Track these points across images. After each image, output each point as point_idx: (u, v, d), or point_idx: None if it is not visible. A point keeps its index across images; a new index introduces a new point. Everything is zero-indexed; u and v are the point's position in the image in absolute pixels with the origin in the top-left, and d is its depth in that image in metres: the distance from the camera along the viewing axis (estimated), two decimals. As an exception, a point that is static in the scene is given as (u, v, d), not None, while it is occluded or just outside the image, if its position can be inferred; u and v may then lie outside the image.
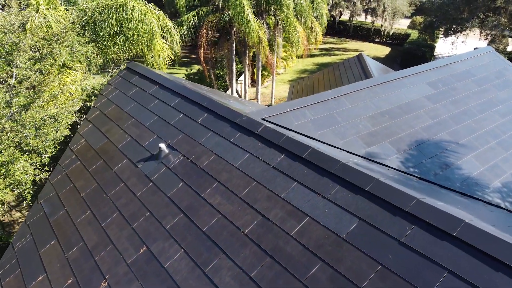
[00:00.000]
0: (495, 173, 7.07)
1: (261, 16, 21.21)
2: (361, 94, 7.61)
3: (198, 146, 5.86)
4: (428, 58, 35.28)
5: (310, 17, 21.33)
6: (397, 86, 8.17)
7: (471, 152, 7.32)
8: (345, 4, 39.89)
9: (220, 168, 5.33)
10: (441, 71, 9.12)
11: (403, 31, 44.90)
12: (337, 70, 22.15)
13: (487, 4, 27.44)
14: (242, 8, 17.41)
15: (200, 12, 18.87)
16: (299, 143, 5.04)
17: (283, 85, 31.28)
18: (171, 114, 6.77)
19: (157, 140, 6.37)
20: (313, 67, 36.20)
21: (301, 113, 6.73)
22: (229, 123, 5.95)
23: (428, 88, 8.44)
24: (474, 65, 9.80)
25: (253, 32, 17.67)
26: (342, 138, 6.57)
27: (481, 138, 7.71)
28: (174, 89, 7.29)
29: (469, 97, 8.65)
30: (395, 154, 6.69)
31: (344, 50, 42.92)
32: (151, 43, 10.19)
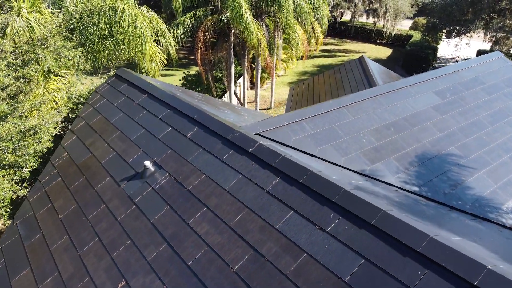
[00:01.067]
0: (508, 192, 6.56)
1: (260, 18, 20.70)
2: (364, 104, 7.09)
3: (187, 164, 5.35)
4: (430, 60, 34.76)
5: (311, 19, 20.81)
6: (402, 95, 7.66)
7: (483, 168, 6.81)
8: (347, 5, 39.36)
9: (209, 191, 4.82)
10: (449, 78, 8.60)
11: (405, 32, 44.36)
12: (338, 73, 21.63)
13: (491, 6, 26.90)
14: (241, 10, 16.90)
15: (197, 13, 18.37)
16: (296, 165, 4.53)
17: (283, 87, 30.76)
18: (159, 127, 6.26)
19: (142, 156, 5.86)
20: (314, 69, 35.69)
21: (300, 127, 6.22)
22: (220, 139, 5.45)
23: (435, 98, 7.93)
24: (483, 72, 9.28)
25: (252, 35, 17.16)
26: (344, 155, 6.06)
27: (493, 152, 7.20)
28: (163, 99, 6.78)
29: (478, 107, 8.14)
30: (401, 171, 6.18)
31: (345, 51, 42.40)
32: (142, 47, 9.68)
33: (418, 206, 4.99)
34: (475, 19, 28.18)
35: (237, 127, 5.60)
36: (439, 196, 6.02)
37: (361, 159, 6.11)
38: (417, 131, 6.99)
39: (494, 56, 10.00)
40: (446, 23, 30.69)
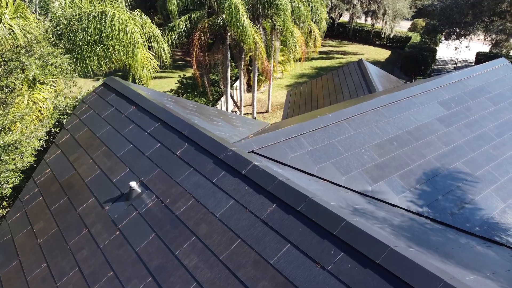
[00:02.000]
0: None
1: (257, 21, 20.32)
2: (366, 117, 6.71)
3: (175, 186, 4.95)
4: (429, 62, 34.45)
5: (309, 21, 20.44)
6: (405, 106, 7.29)
7: (491, 185, 6.44)
8: (345, 7, 39.00)
9: (199, 218, 4.43)
10: (453, 88, 8.24)
11: (404, 34, 44.06)
12: (336, 77, 21.26)
13: (492, 8, 26.58)
14: (238, 13, 16.50)
15: (192, 16, 17.95)
16: (293, 191, 4.13)
17: (280, 90, 30.38)
18: (147, 143, 5.86)
19: (129, 176, 5.46)
20: (312, 71, 35.32)
21: (297, 143, 5.84)
22: (212, 158, 5.05)
23: (440, 109, 7.56)
24: (488, 80, 8.92)
25: (249, 38, 16.77)
26: (344, 173, 5.67)
27: (501, 167, 6.83)
28: (153, 112, 6.38)
29: (484, 118, 7.77)
30: (406, 190, 5.80)
31: (344, 53, 42.06)
32: (133, 54, 9.27)
33: (425, 233, 4.61)
34: (475, 21, 27.86)
35: (230, 145, 5.20)
36: (446, 217, 5.65)
37: (363, 177, 5.73)
38: (421, 146, 6.62)
39: (499, 63, 9.65)
40: (446, 25, 30.36)
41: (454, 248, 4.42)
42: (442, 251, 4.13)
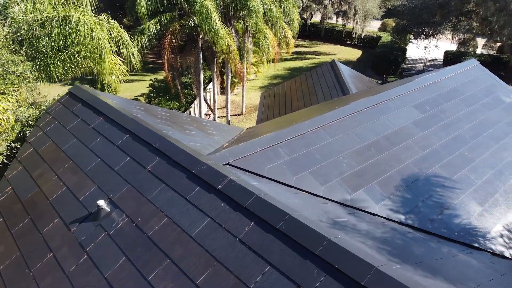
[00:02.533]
0: (495, 214, 6.19)
1: (229, 23, 20.06)
2: (343, 123, 6.59)
3: (147, 204, 4.67)
4: (400, 61, 35.00)
5: (281, 23, 20.32)
6: (382, 111, 7.21)
7: (468, 188, 6.42)
8: (316, 7, 39.20)
9: (173, 238, 4.16)
10: (428, 90, 8.24)
11: (374, 34, 44.65)
12: (310, 79, 21.24)
13: (459, 8, 27.21)
14: (209, 15, 16.20)
15: (163, 19, 17.53)
16: (271, 207, 3.93)
17: (254, 92, 30.20)
18: (117, 156, 5.54)
19: (97, 193, 5.13)
20: (285, 72, 35.32)
21: (274, 153, 5.64)
22: (185, 172, 4.79)
23: (416, 112, 7.52)
24: (461, 81, 8.98)
25: (221, 41, 16.50)
26: (323, 182, 5.51)
27: (476, 170, 6.84)
28: (121, 123, 6.05)
29: (459, 120, 7.79)
30: (386, 197, 5.69)
31: (316, 53, 42.28)
32: (101, 60, 8.87)
33: (407, 245, 4.49)
34: (444, 21, 28.45)
35: (204, 157, 4.96)
36: (426, 224, 5.57)
37: (342, 186, 5.58)
38: (399, 151, 6.54)
39: (470, 64, 9.75)
40: (415, 25, 30.90)
41: (437, 260, 4.32)
42: (427, 264, 4.01)
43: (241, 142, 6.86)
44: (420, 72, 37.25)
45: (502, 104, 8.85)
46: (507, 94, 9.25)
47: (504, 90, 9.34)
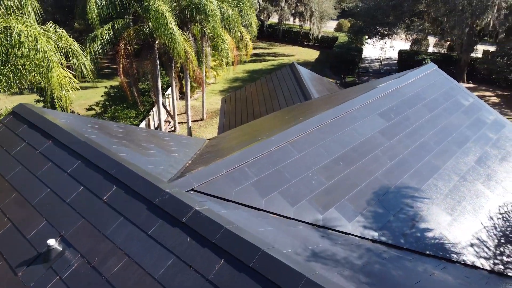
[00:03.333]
0: (464, 222, 6.18)
1: (186, 27, 19.55)
2: (310, 137, 6.37)
3: (104, 241, 4.22)
4: (357, 61, 35.66)
5: (239, 27, 20.03)
6: (348, 121, 7.06)
7: (437, 197, 6.38)
8: (273, 9, 39.25)
9: (135, 281, 3.76)
10: (391, 97, 8.20)
11: (331, 34, 45.35)
12: (270, 82, 21.09)
13: (411, 9, 27.99)
14: (165, 21, 15.65)
15: (116, 25, 16.79)
16: (242, 242, 3.61)
17: (214, 96, 29.77)
18: (68, 186, 5.04)
19: (46, 230, 4.62)
20: (245, 75, 35.10)
21: (241, 173, 5.32)
22: (146, 203, 4.38)
23: (381, 121, 7.44)
24: (422, 86, 9.04)
25: (178, 46, 15.99)
26: (293, 203, 5.26)
27: (443, 177, 6.83)
28: (73, 146, 5.53)
29: (423, 126, 7.79)
30: (358, 214, 5.51)
31: (275, 55, 42.37)
32: (48, 74, 8.22)
33: (385, 269, 4.31)
34: (397, 22, 29.20)
35: (166, 185, 4.57)
36: (399, 239, 5.45)
37: (313, 206, 5.35)
38: (367, 163, 6.40)
39: (430, 68, 9.85)
40: (370, 26, 31.54)
41: (416, 284, 4.16)
42: (405, 282, 3.84)
43: (204, 160, 6.51)
44: (376, 71, 38.16)
45: (462, 107, 8.97)
46: (465, 97, 9.41)
47: (462, 93, 9.50)
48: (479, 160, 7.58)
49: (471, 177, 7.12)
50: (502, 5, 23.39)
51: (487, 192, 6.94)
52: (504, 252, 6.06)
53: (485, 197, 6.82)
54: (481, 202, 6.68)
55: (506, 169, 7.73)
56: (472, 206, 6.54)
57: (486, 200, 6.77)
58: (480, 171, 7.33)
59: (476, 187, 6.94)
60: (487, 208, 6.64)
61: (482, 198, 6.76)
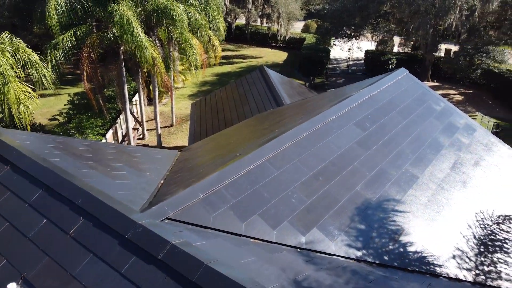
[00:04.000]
0: (444, 233, 6.13)
1: (152, 32, 19.01)
2: (287, 152, 6.16)
3: (72, 282, 3.85)
4: (325, 62, 35.92)
5: (207, 31, 19.67)
6: (324, 133, 6.90)
7: (417, 208, 6.31)
8: (240, 11, 39.01)
9: (108, 329, 3.42)
10: (365, 105, 8.12)
11: (298, 35, 45.54)
12: (240, 87, 20.84)
13: (377, 11, 28.39)
14: (131, 26, 15.12)
15: (78, 31, 16.09)
16: (225, 280, 3.34)
17: (183, 101, 29.22)
18: (30, 219, 4.61)
19: (6, 270, 4.20)
20: (213, 78, 34.69)
21: (219, 196, 5.04)
22: (117, 238, 4.04)
23: (357, 130, 7.33)
24: (395, 92, 9.01)
25: (146, 54, 15.49)
26: (274, 225, 5.03)
27: (422, 186, 6.78)
28: (34, 173, 5.09)
29: (398, 134, 7.74)
30: (341, 232, 5.34)
31: (243, 57, 42.13)
32: (4, 89, 7.66)
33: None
34: (364, 24, 29.58)
35: (139, 215, 4.24)
36: (383, 257, 5.31)
37: (294, 226, 5.14)
38: (347, 176, 6.26)
39: (401, 74, 9.85)
40: (337, 28, 31.83)
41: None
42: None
43: (178, 180, 6.19)
44: (344, 71, 38.59)
45: (434, 112, 9.01)
46: (437, 102, 9.46)
47: (434, 98, 9.55)
48: (454, 167, 7.60)
49: (447, 185, 7.11)
50: (464, 6, 24.08)
51: (463, 199, 6.94)
52: (485, 261, 6.04)
53: (462, 205, 6.81)
54: (458, 210, 6.67)
55: (480, 174, 7.79)
56: (450, 216, 6.51)
57: (463, 208, 6.77)
58: (455, 178, 7.33)
59: (453, 195, 6.93)
60: (465, 216, 6.63)
61: (460, 206, 6.75)
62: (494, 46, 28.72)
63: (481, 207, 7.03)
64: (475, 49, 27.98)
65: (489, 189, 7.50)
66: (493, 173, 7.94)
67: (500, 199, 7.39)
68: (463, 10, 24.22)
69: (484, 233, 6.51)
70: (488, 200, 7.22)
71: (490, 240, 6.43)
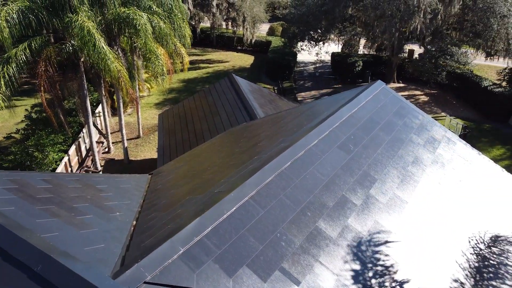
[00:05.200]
0: (441, 264, 5.83)
1: (114, 42, 18.10)
2: (271, 187, 5.68)
3: None
4: (292, 66, 35.76)
5: (173, 39, 18.93)
6: (308, 160, 6.47)
7: (410, 238, 5.98)
8: (205, 15, 38.28)
9: None
10: (347, 125, 7.76)
11: (264, 38, 45.25)
12: (209, 96, 20.24)
13: (343, 14, 28.43)
14: (92, 38, 14.22)
15: (33, 44, 15.00)
16: None
17: (150, 110, 28.24)
18: (-21, 291, 3.90)
19: None
20: (180, 85, 33.82)
21: (201, 248, 4.50)
22: (86, 316, 3.43)
23: (341, 154, 6.94)
24: (374, 108, 8.71)
25: (111, 66, 14.63)
26: (265, 277, 4.53)
27: (412, 213, 6.46)
28: (-16, 232, 4.37)
29: (383, 155, 7.42)
30: (335, 277, 4.91)
31: (209, 62, 41.40)
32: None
33: None
34: (331, 28, 29.56)
35: (111, 284, 3.64)
36: (381, 300, 4.92)
37: (287, 275, 4.66)
38: (336, 208, 5.84)
39: (378, 87, 9.58)
40: (304, 32, 31.69)
41: None
42: None
43: (152, 223, 5.59)
44: (312, 74, 38.60)
45: (414, 127, 8.78)
46: (415, 116, 9.25)
47: (412, 112, 9.33)
48: (442, 187, 7.36)
49: (438, 209, 6.84)
50: (428, 10, 24.41)
51: (455, 224, 6.69)
52: (481, 291, 5.79)
53: (455, 230, 6.55)
54: (452, 236, 6.40)
55: (466, 193, 7.59)
56: (444, 242, 6.22)
57: (456, 233, 6.51)
58: (444, 201, 7.08)
59: (444, 220, 6.66)
60: (458, 242, 6.37)
61: (452, 232, 6.48)
62: (457, 48, 29.41)
63: (473, 231, 6.81)
64: (439, 51, 28.52)
65: (475, 207, 7.31)
66: (477, 190, 7.78)
67: (488, 218, 7.21)
68: (427, 13, 24.56)
69: (477, 259, 6.27)
70: (477, 220, 7.02)
71: (484, 266, 6.20)
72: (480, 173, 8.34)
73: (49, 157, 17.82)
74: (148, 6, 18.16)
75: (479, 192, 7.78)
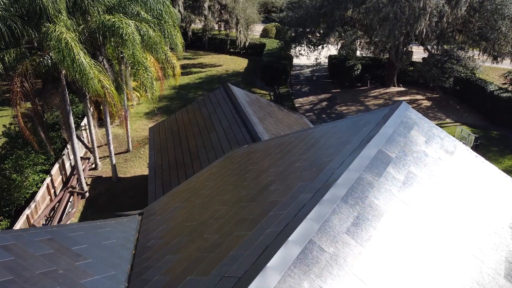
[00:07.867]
0: None
1: (99, 52, 16.57)
2: (294, 276, 4.27)
3: None
4: (288, 70, 34.37)
5: (163, 48, 17.43)
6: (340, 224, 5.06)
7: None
8: (196, 18, 36.75)
9: None
10: (378, 160, 6.37)
11: (258, 41, 43.78)
12: (204, 107, 18.76)
13: (343, 18, 27.11)
14: (71, 52, 12.70)
15: (7, 57, 13.44)
16: None
17: (139, 120, 26.67)
18: None
19: None
20: (171, 92, 32.26)
21: None
22: None
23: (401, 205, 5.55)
24: (403, 134, 7.35)
25: (93, 83, 13.12)
26: None
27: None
28: None
29: (436, 192, 6.05)
30: None
31: (201, 66, 39.84)
32: None
33: None
34: (330, 31, 28.22)
35: None
36: None
37: None
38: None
39: (404, 110, 8.22)
40: (302, 36, 30.32)
41: None
42: None
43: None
44: (308, 78, 37.22)
45: (448, 154, 7.46)
46: (448, 140, 7.94)
47: (447, 139, 8.01)
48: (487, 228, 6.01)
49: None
50: (434, 12, 23.17)
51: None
52: None
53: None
54: None
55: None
56: None
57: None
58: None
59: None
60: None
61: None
62: (464, 52, 28.20)
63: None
64: (446, 55, 27.26)
65: None
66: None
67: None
68: (433, 16, 23.31)
69: None
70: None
71: None
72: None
73: (29, 179, 16.24)
74: (136, 12, 16.63)
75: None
